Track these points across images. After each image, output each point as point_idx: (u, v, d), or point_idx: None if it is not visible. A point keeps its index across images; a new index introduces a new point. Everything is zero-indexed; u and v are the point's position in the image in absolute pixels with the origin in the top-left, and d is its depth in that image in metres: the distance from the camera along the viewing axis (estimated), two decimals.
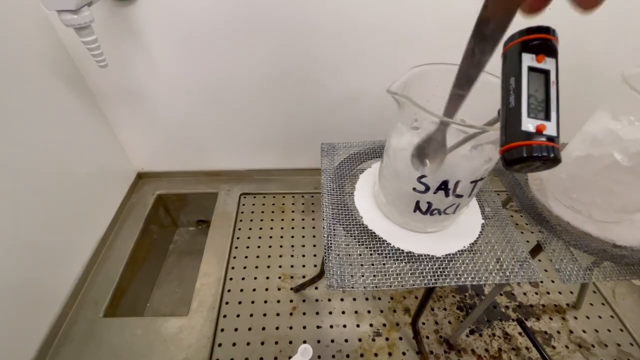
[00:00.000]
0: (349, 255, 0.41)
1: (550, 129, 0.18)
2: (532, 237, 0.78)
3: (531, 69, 0.19)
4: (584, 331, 0.68)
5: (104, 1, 0.59)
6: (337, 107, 0.79)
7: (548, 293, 0.74)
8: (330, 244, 0.42)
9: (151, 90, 0.75)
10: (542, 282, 0.77)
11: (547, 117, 0.18)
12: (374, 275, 0.39)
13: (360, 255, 0.41)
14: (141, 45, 0.66)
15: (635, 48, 0.68)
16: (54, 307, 0.64)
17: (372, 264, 0.40)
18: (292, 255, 0.79)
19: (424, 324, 0.68)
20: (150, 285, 0.88)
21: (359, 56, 0.69)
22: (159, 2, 0.61)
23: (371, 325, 0.68)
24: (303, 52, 0.68)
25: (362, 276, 0.39)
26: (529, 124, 0.18)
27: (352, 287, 0.38)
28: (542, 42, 0.19)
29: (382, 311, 0.70)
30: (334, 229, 0.43)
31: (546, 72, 0.19)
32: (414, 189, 0.36)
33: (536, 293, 0.74)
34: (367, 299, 0.72)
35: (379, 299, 0.72)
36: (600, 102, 0.45)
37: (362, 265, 0.40)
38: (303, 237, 0.84)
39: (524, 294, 0.74)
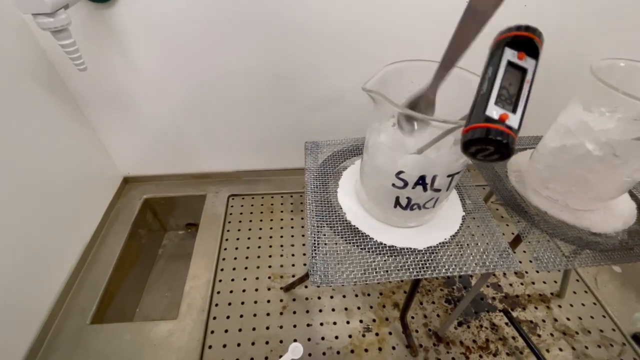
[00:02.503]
0: (333, 251, 0.42)
1: (512, 120, 0.18)
2: (515, 228, 0.80)
3: (510, 64, 0.20)
4: (567, 319, 0.69)
5: (82, 4, 0.59)
6: (322, 105, 0.80)
7: (533, 283, 0.76)
8: (315, 240, 0.42)
9: (135, 93, 0.74)
10: (527, 272, 0.79)
11: (513, 110, 0.19)
12: (358, 270, 0.39)
13: (344, 251, 0.42)
14: (122, 48, 0.66)
15: (608, 41, 0.70)
16: (40, 315, 0.63)
17: (356, 259, 0.41)
18: (281, 255, 0.80)
19: (413, 317, 0.69)
20: (139, 290, 0.87)
21: (342, 56, 0.70)
22: (138, 5, 0.60)
23: (361, 321, 0.68)
24: (287, 52, 0.69)
25: (346, 272, 0.39)
26: (493, 111, 0.19)
27: (336, 283, 0.38)
28: (527, 40, 0.20)
29: (371, 307, 0.71)
30: (318, 226, 0.44)
31: (524, 70, 0.20)
32: (393, 184, 0.37)
33: (522, 283, 0.76)
34: (356, 295, 0.73)
35: (369, 295, 0.73)
36: (573, 94, 0.46)
37: (345, 260, 0.40)
38: (292, 236, 0.84)
39: (510, 284, 0.76)
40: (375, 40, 0.68)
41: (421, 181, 0.36)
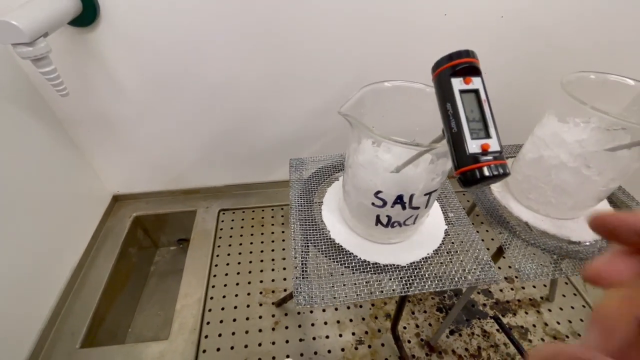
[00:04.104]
0: (318, 270, 0.42)
1: (493, 145, 0.19)
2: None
3: (462, 92, 0.20)
4: (558, 322, 0.70)
5: (63, 29, 0.59)
6: (310, 119, 0.81)
7: (523, 288, 0.77)
8: (299, 260, 0.42)
9: (121, 112, 0.74)
10: (516, 277, 0.80)
11: (488, 135, 0.19)
12: (342, 290, 0.40)
13: (328, 269, 0.42)
14: (106, 69, 0.66)
15: (582, 53, 0.72)
16: (28, 340, 0.62)
17: (340, 278, 0.41)
18: (272, 269, 0.80)
19: (405, 328, 0.69)
20: (131, 311, 0.86)
21: (331, 71, 0.71)
22: (120, 27, 0.61)
23: (353, 333, 0.68)
24: (275, 67, 0.69)
25: (330, 291, 0.40)
26: (474, 146, 0.19)
27: (321, 304, 0.38)
28: (467, 65, 0.20)
29: (363, 319, 0.71)
30: (302, 245, 0.44)
31: (476, 92, 0.20)
32: (373, 203, 0.38)
33: (512, 289, 0.77)
34: (348, 307, 0.73)
35: (360, 306, 0.73)
36: (548, 106, 0.47)
37: (330, 280, 0.41)
38: (283, 249, 0.84)
39: (500, 290, 0.77)
40: (361, 57, 0.69)
41: (399, 200, 0.36)
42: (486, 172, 0.19)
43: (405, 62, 0.71)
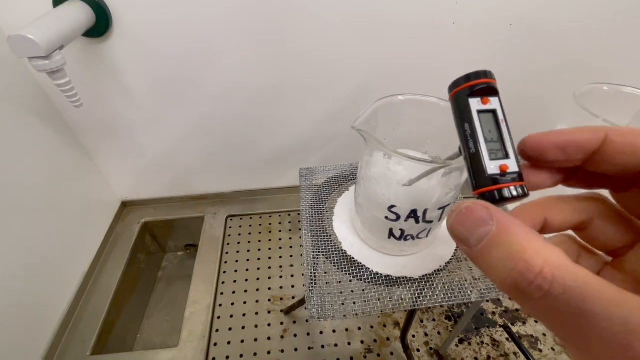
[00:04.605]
0: (329, 282, 0.42)
1: (512, 166, 0.19)
2: None
3: (480, 112, 0.20)
4: None
5: (76, 40, 0.60)
6: (318, 125, 0.81)
7: None
8: (311, 272, 0.43)
9: (130, 120, 0.75)
10: None
11: (507, 155, 0.19)
12: (354, 302, 0.40)
13: (340, 282, 0.42)
14: (117, 78, 0.67)
15: (594, 62, 0.72)
16: (39, 349, 0.63)
17: (352, 290, 0.41)
18: (281, 276, 0.80)
19: (414, 336, 0.69)
20: (139, 316, 0.87)
21: (339, 78, 0.71)
22: (132, 37, 0.61)
23: (362, 342, 0.68)
24: (286, 75, 0.70)
25: (343, 304, 0.40)
26: (492, 166, 0.19)
27: (333, 316, 0.38)
28: (485, 86, 0.20)
29: (372, 327, 0.71)
30: (314, 257, 0.44)
31: (494, 112, 0.20)
32: (386, 217, 0.38)
33: None
34: (356, 314, 0.72)
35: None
36: (559, 117, 0.47)
37: (342, 292, 0.41)
38: (291, 256, 0.84)
39: (510, 298, 0.76)
40: (368, 65, 0.70)
41: (413, 214, 0.36)
42: (506, 194, 0.19)
43: (412, 70, 0.71)
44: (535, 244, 0.11)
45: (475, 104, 0.20)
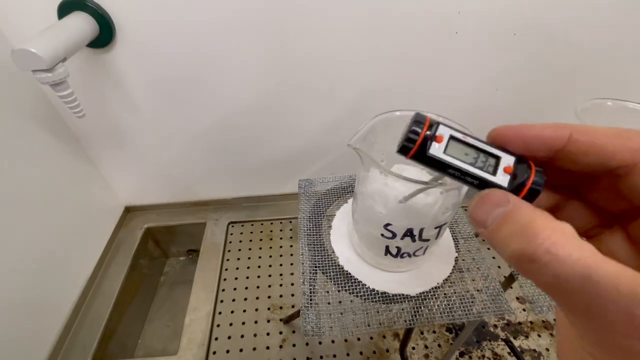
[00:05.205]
0: (326, 298, 0.42)
1: (507, 160, 0.18)
2: None
3: (445, 151, 0.19)
4: None
5: (81, 51, 0.61)
6: (321, 133, 0.81)
7: None
8: (308, 288, 0.42)
9: (134, 127, 0.76)
10: (527, 290, 0.78)
11: (496, 156, 0.18)
12: (350, 319, 0.40)
13: (336, 298, 0.42)
14: (121, 87, 0.68)
15: (599, 73, 0.71)
16: (41, 354, 0.63)
17: (348, 307, 0.41)
18: (280, 285, 0.80)
19: (413, 348, 0.68)
20: (141, 321, 0.88)
21: (341, 87, 0.71)
22: (135, 48, 0.62)
23: (361, 353, 0.68)
24: (287, 83, 0.70)
25: (339, 320, 0.39)
26: (501, 178, 0.18)
27: (328, 335, 0.38)
28: (429, 134, 0.19)
29: (371, 338, 0.70)
30: (310, 272, 0.44)
31: (453, 138, 0.19)
32: (382, 235, 0.37)
33: (524, 309, 0.75)
34: (355, 318, 0.72)
35: (368, 325, 0.72)
36: None
37: (338, 309, 0.41)
38: (291, 264, 0.84)
39: (512, 310, 0.75)
40: (371, 75, 0.69)
41: (409, 233, 0.36)
42: (537, 189, 0.18)
43: (414, 79, 0.71)
44: (544, 218, 0.12)
45: (435, 150, 0.19)
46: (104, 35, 0.59)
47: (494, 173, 0.18)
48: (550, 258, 0.11)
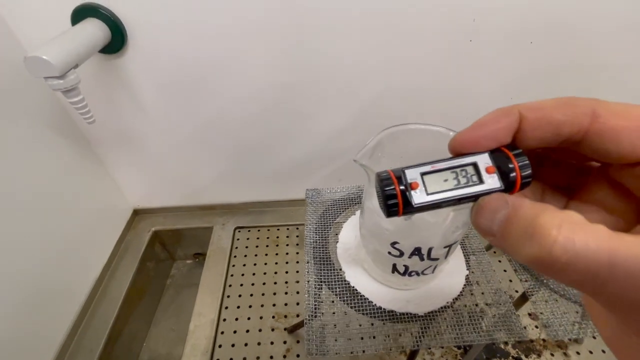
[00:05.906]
0: (330, 314, 0.41)
1: (484, 161, 0.17)
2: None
3: (428, 193, 0.18)
4: None
5: (93, 57, 0.61)
6: (329, 140, 0.80)
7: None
8: (312, 304, 0.41)
9: (144, 131, 0.76)
10: (542, 312, 0.75)
11: (474, 164, 0.18)
12: (356, 338, 0.38)
13: (342, 314, 0.41)
14: (131, 91, 0.68)
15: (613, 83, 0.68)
16: (47, 358, 0.64)
17: (354, 325, 0.40)
18: (286, 292, 0.79)
19: None
20: (147, 324, 0.88)
21: (351, 95, 0.70)
22: (145, 52, 0.62)
23: None
24: (296, 88, 0.69)
25: (344, 338, 0.38)
26: (489, 181, 0.17)
27: (331, 354, 0.37)
28: (401, 182, 0.18)
29: (376, 351, 0.69)
30: (315, 286, 0.43)
31: (424, 174, 0.18)
32: (389, 252, 0.36)
33: (536, 326, 0.72)
34: (362, 338, 0.71)
35: (374, 337, 0.71)
36: None
37: (342, 326, 0.39)
38: (297, 272, 0.83)
39: (524, 327, 0.72)
40: (380, 84, 0.69)
41: (417, 252, 0.35)
42: (526, 178, 0.17)
43: (426, 87, 0.69)
44: (548, 210, 0.11)
45: (419, 197, 0.18)
46: (116, 41, 0.59)
47: (481, 181, 0.17)
48: (569, 257, 0.10)
